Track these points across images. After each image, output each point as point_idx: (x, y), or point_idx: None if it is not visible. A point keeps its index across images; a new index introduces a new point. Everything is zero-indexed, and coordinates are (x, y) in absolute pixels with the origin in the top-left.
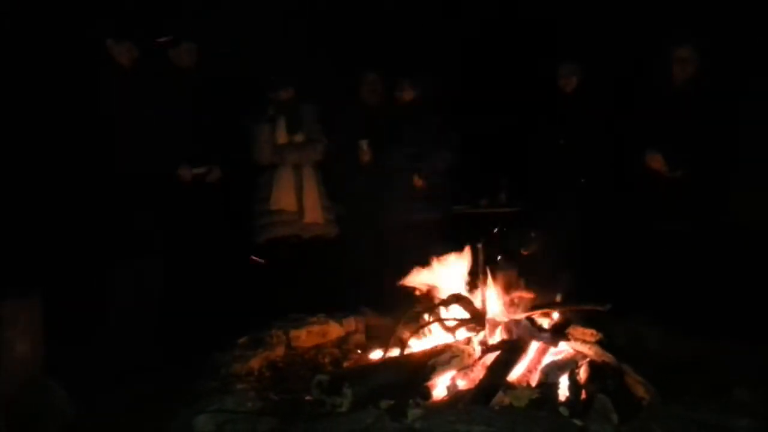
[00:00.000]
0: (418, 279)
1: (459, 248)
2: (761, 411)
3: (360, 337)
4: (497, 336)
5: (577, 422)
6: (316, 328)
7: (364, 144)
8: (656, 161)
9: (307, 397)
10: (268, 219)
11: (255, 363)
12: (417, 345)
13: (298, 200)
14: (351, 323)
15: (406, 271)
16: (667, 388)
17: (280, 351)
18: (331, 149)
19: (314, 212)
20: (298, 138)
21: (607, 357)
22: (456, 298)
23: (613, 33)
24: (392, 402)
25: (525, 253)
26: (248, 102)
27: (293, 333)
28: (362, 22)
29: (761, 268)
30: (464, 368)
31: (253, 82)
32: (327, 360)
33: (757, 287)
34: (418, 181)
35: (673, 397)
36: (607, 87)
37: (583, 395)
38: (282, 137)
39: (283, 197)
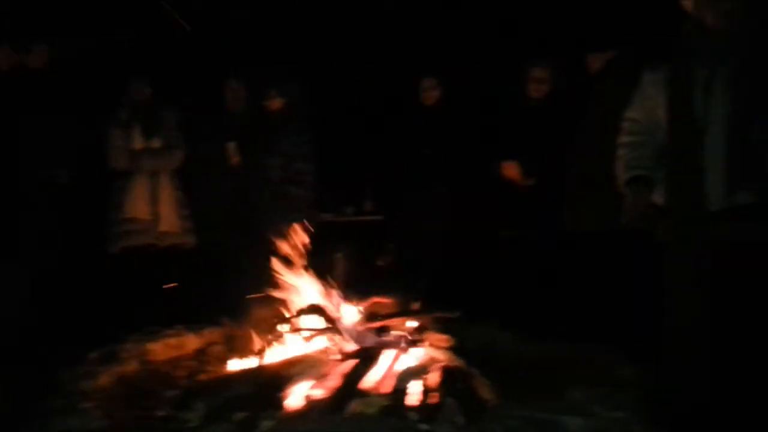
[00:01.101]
0: (279, 288)
1: (320, 257)
2: (593, 410)
3: (219, 349)
4: (354, 344)
5: (424, 426)
6: (172, 341)
7: (231, 146)
8: (511, 170)
9: (159, 413)
10: (122, 227)
11: (104, 379)
12: (274, 355)
13: (153, 208)
14: (210, 334)
15: (266, 281)
16: (511, 390)
17: (133, 366)
18: (195, 156)
19: (170, 220)
20: (155, 144)
21: (458, 362)
22: (313, 308)
23: (474, 50)
24: (246, 414)
25: (381, 263)
26: (105, 104)
27: (148, 346)
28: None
29: (603, 273)
30: (321, 377)
31: (111, 83)
32: (183, 373)
33: (599, 292)
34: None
35: (516, 397)
36: (467, 101)
37: (433, 400)
38: (138, 142)
39: (137, 205)
